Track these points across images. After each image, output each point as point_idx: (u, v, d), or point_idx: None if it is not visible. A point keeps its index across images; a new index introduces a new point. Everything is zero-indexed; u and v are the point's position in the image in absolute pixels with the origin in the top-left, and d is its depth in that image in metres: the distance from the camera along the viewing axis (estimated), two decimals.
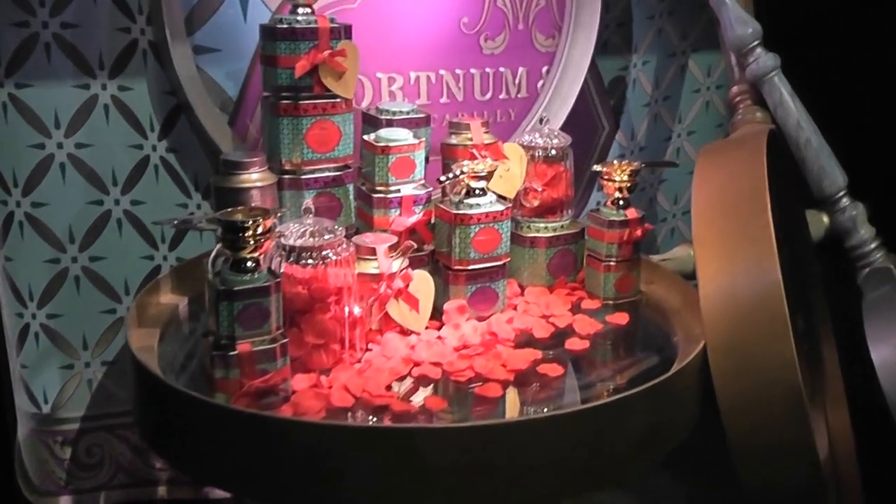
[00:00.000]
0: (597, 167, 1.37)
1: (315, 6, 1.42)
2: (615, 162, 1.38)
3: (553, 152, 1.40)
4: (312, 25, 1.28)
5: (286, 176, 1.31)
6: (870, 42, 1.76)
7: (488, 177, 1.28)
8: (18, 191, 1.37)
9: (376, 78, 1.52)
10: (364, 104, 1.51)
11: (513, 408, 1.12)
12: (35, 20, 1.33)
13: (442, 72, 1.56)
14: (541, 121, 1.42)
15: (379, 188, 1.29)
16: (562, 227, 1.42)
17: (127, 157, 1.42)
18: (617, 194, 1.37)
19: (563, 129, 1.61)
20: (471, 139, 1.39)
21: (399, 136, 1.29)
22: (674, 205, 1.87)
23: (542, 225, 1.41)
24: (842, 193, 1.54)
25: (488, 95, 1.61)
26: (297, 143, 1.29)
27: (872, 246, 1.54)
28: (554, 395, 1.15)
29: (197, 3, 1.39)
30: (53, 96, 1.36)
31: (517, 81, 1.63)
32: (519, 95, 1.63)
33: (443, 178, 1.26)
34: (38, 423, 1.46)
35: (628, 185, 1.37)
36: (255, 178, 1.26)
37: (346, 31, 1.31)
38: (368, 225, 1.30)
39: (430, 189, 1.31)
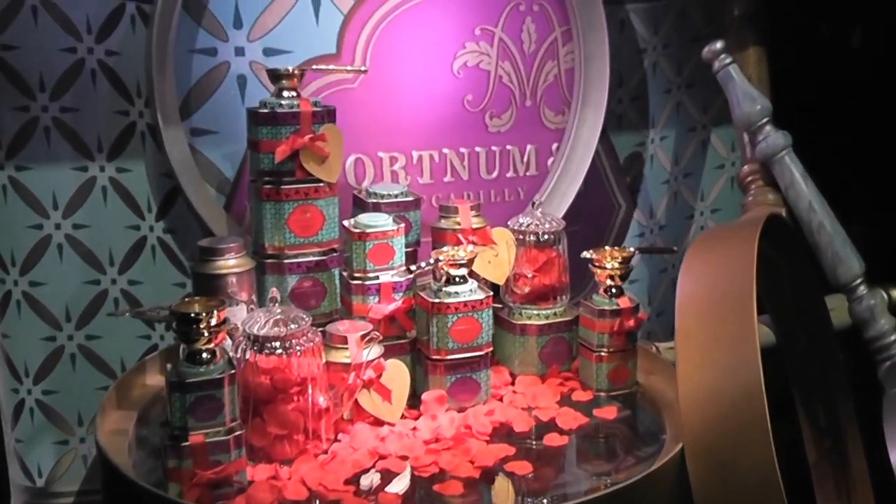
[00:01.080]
0: (586, 254, 1.36)
1: (312, 87, 1.48)
2: (606, 248, 1.37)
3: (545, 237, 1.40)
4: (294, 110, 1.32)
5: (269, 260, 1.34)
6: (891, 118, 1.71)
7: (469, 264, 1.29)
8: (16, 270, 1.44)
9: (378, 157, 1.55)
10: (365, 184, 1.54)
11: None
12: (35, 105, 1.41)
13: (446, 150, 1.58)
14: (533, 204, 1.42)
15: (357, 275, 1.30)
16: (555, 314, 1.41)
17: (124, 238, 1.48)
18: (609, 282, 1.36)
19: (575, 208, 1.63)
20: (459, 223, 1.40)
21: (378, 221, 1.31)
22: None
23: (533, 312, 1.41)
24: (858, 281, 1.50)
25: (495, 174, 1.62)
26: (280, 228, 1.33)
27: (893, 338, 1.49)
28: (515, 496, 1.14)
29: (195, 85, 1.45)
30: (52, 178, 1.44)
31: (525, 159, 1.64)
32: (527, 173, 1.64)
33: (413, 267, 1.28)
34: (32, 497, 1.51)
35: (620, 272, 1.36)
36: (231, 263, 1.30)
37: (329, 115, 1.34)
38: (348, 311, 1.32)
39: (411, 275, 1.32)
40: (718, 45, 1.53)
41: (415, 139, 1.56)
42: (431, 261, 1.28)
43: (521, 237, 1.41)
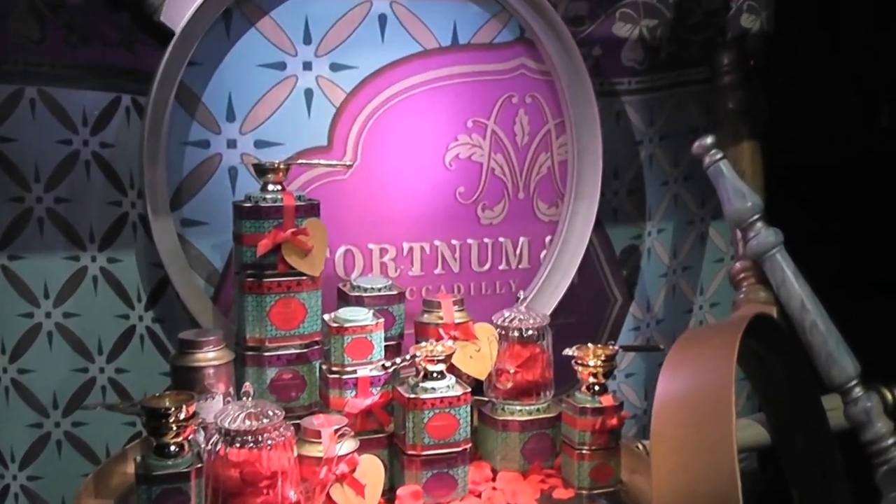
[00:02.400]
0: (569, 351, 1.40)
1: (302, 179, 1.55)
2: (589, 345, 1.41)
3: (529, 333, 1.44)
4: (277, 204, 1.38)
5: (249, 352, 1.39)
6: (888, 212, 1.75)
7: (446, 360, 1.33)
8: (6, 357, 1.51)
9: (367, 249, 1.60)
10: (354, 275, 1.60)
11: None
12: (30, 195, 1.49)
13: (437, 242, 1.64)
14: (517, 299, 1.47)
15: (335, 368, 1.35)
16: (538, 410, 1.44)
17: (113, 327, 1.55)
18: (591, 379, 1.39)
19: (569, 300, 1.67)
20: (442, 317, 1.45)
21: (357, 316, 1.36)
22: None
23: (516, 408, 1.44)
24: (853, 383, 1.52)
25: (487, 266, 1.67)
26: (261, 320, 1.38)
27: (890, 441, 1.50)
28: None
29: (186, 176, 1.52)
30: (44, 268, 1.51)
31: (518, 252, 1.69)
32: (520, 266, 1.69)
33: (388, 363, 1.32)
34: None
35: (603, 370, 1.39)
36: (210, 356, 1.35)
37: (312, 209, 1.41)
38: (326, 404, 1.37)
39: (386, 371, 1.36)
40: (709, 139, 1.58)
41: (405, 231, 1.62)
42: (408, 357, 1.32)
43: (504, 332, 1.45)
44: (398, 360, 1.33)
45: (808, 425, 1.57)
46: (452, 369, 1.40)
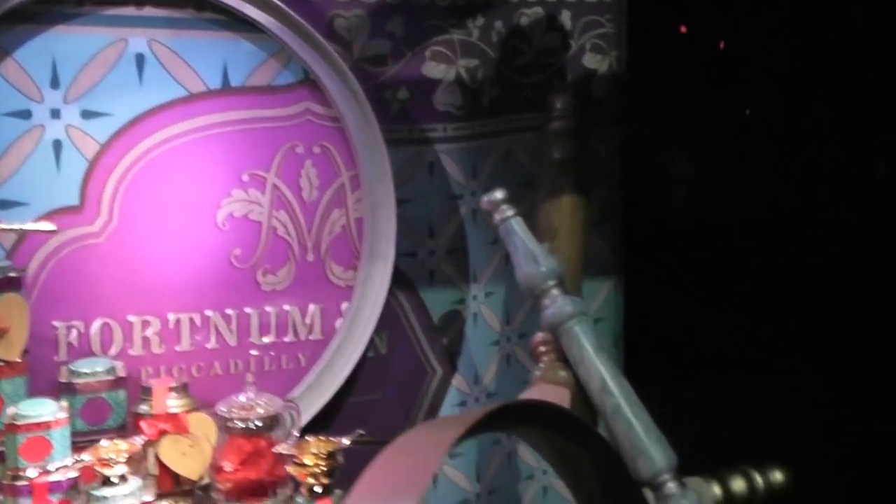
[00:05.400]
0: (281, 448, 1.19)
1: (52, 243, 1.38)
2: (309, 439, 1.20)
3: (256, 423, 1.23)
4: None
5: None
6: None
7: (128, 462, 1.14)
8: None
9: (127, 322, 1.41)
10: (113, 352, 1.41)
11: None
12: None
13: (209, 312, 1.44)
14: (245, 383, 1.26)
15: (9, 472, 1.17)
16: None
17: None
18: (311, 480, 1.18)
19: (376, 374, 1.47)
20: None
21: (33, 411, 1.17)
22: None
23: None
24: (663, 478, 1.25)
25: (269, 338, 1.46)
26: None
27: None
28: None
29: None
30: None
31: (308, 321, 1.48)
32: (311, 337, 1.48)
33: (53, 467, 1.13)
34: None
35: (325, 468, 1.18)
36: None
37: (10, 283, 1.24)
38: None
39: (75, 475, 1.16)
40: (498, 194, 1.34)
41: (172, 300, 1.43)
42: (75, 460, 1.13)
43: (224, 423, 1.24)
44: (60, 463, 1.14)
45: None
46: (165, 468, 1.21)
